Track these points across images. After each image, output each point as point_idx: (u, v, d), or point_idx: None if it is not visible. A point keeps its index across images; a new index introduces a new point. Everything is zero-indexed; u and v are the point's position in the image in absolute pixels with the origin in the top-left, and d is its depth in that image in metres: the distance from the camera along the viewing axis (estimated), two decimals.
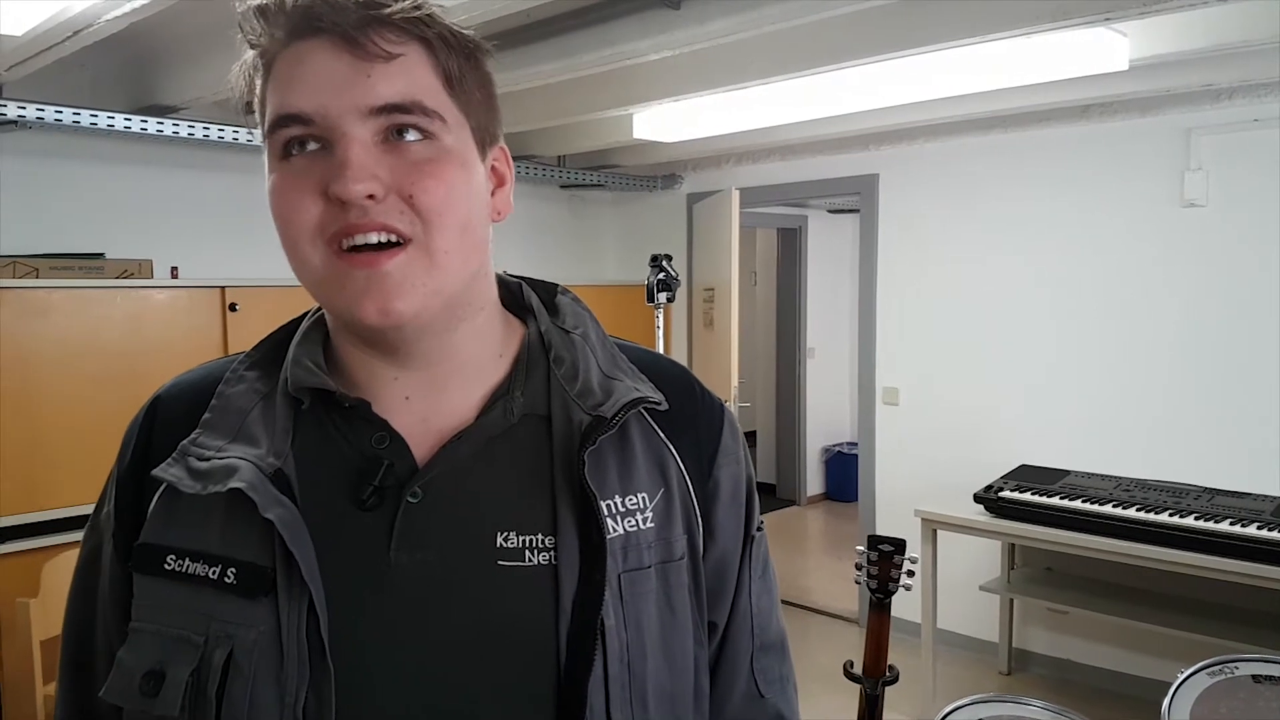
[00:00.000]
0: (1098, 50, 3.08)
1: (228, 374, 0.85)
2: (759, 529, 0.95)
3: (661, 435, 0.87)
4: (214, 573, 0.76)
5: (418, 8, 0.76)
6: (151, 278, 3.79)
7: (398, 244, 0.75)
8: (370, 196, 0.73)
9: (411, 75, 0.76)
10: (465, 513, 0.80)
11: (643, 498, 0.83)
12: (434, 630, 0.77)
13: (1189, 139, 3.91)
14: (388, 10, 0.74)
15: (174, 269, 3.97)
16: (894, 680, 2.29)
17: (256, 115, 0.80)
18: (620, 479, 0.83)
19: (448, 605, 0.77)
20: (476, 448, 0.82)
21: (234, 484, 0.75)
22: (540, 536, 0.79)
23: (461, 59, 0.79)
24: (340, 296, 0.76)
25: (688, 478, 0.87)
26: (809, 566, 6.16)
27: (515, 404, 0.84)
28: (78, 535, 3.61)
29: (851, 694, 2.34)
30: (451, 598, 0.77)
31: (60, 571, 3.07)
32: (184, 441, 0.81)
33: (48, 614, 2.97)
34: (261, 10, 0.76)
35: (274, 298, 3.88)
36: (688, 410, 0.90)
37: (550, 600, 0.78)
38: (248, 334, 3.73)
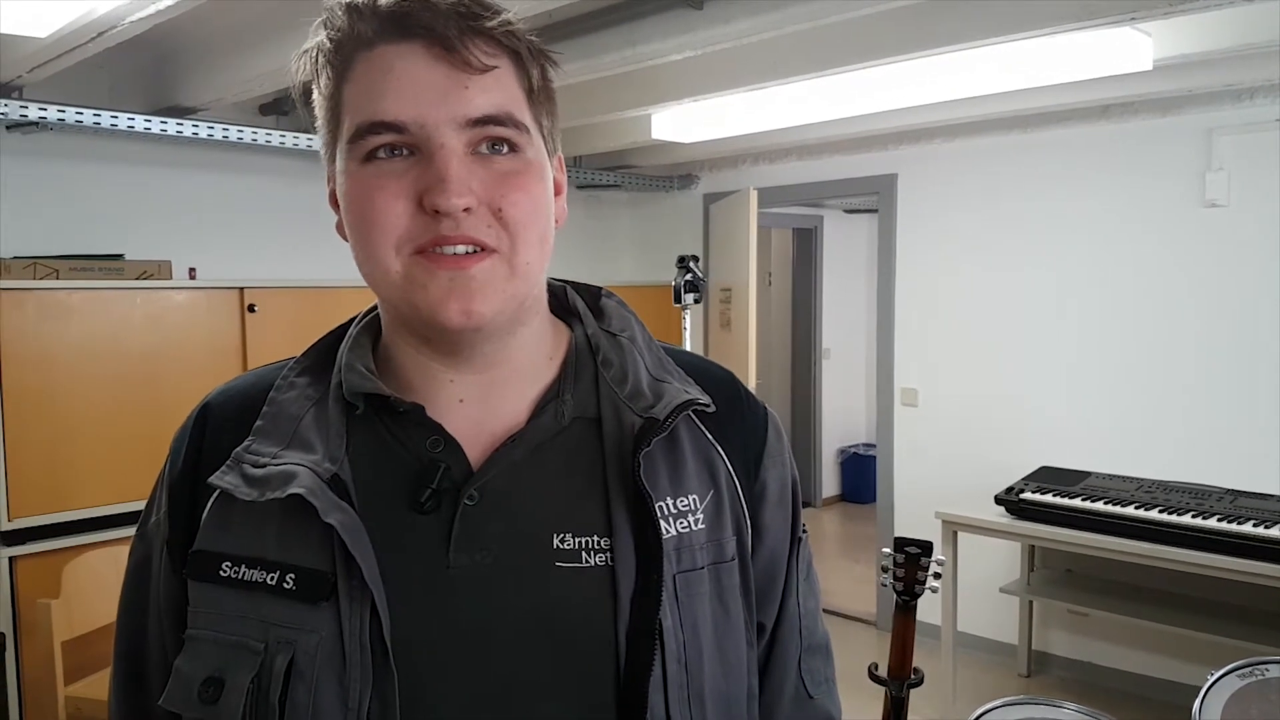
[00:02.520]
0: (1122, 50, 3.07)
1: (278, 380, 0.86)
2: (804, 531, 0.96)
3: (710, 437, 0.87)
4: (272, 579, 0.76)
5: (510, 21, 0.77)
6: (170, 279, 3.80)
7: (480, 251, 0.76)
8: (465, 209, 0.74)
9: (504, 88, 0.77)
10: (521, 515, 0.80)
11: (693, 499, 0.83)
12: (494, 631, 0.77)
13: (1210, 139, 3.89)
14: (489, 23, 0.76)
15: (192, 270, 3.98)
16: (919, 683, 2.27)
17: (321, 109, 0.80)
18: (671, 481, 0.83)
19: (507, 606, 0.78)
20: (529, 450, 0.82)
21: (293, 490, 0.75)
22: (596, 538, 0.80)
23: (539, 71, 0.81)
24: (424, 298, 0.76)
25: (736, 479, 0.87)
26: (826, 569, 6.14)
27: (565, 407, 0.85)
28: (99, 536, 3.60)
29: (872, 696, 2.32)
30: (511, 598, 0.78)
31: (81, 573, 3.07)
32: (238, 449, 0.81)
33: (69, 615, 2.97)
34: (352, 7, 0.76)
35: (292, 299, 3.90)
36: (734, 413, 0.90)
37: (609, 601, 0.78)
38: (266, 335, 3.77)
